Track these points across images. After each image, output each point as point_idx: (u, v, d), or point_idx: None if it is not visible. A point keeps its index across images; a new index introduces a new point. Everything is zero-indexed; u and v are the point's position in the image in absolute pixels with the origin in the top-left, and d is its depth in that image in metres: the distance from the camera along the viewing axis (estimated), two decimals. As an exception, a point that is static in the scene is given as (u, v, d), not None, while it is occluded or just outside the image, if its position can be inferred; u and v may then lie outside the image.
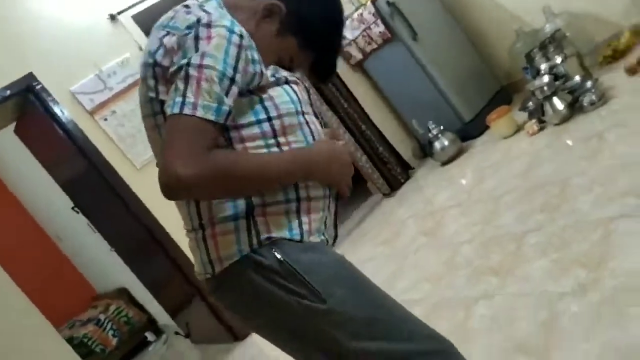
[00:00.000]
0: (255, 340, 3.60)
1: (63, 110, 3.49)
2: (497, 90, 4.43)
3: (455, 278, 2.59)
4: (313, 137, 1.16)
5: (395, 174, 4.46)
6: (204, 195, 1.07)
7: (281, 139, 1.10)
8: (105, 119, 3.60)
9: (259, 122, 1.09)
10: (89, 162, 3.58)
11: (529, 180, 2.97)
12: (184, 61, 1.00)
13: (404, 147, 4.68)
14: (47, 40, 3.53)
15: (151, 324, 5.57)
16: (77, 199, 4.28)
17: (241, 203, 1.08)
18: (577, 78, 3.40)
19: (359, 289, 1.12)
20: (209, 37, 1.01)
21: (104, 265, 5.61)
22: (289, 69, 1.22)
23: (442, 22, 4.36)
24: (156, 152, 1.16)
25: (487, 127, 4.07)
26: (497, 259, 2.48)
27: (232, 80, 1.01)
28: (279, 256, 1.07)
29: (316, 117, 1.22)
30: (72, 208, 4.31)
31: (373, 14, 4.16)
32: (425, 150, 4.58)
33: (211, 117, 0.99)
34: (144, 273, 4.48)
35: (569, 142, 3.12)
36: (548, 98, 3.34)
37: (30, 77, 3.43)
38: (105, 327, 5.30)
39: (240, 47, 1.03)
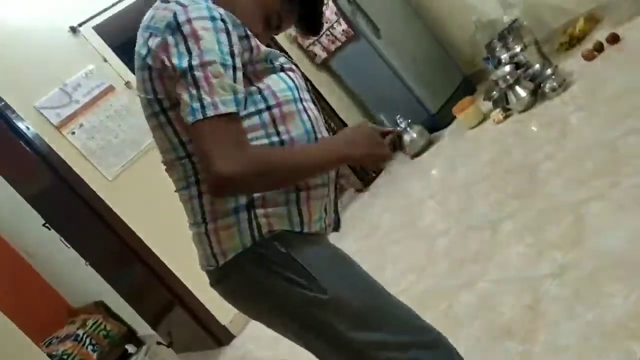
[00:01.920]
0: (243, 343, 3.61)
1: (28, 127, 3.42)
2: (460, 80, 4.53)
3: (436, 268, 2.66)
4: (312, 123, 1.17)
5: (366, 169, 4.52)
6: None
7: (280, 128, 1.12)
8: (73, 133, 3.54)
9: (259, 112, 1.10)
10: (59, 177, 3.52)
11: (499, 167, 3.07)
12: (185, 66, 1.00)
13: (374, 142, 4.73)
14: (8, 56, 3.45)
15: (131, 335, 5.50)
16: (47, 215, 4.20)
17: (242, 196, 1.10)
18: (537, 66, 3.51)
19: (358, 281, 1.18)
20: (195, 33, 1.00)
21: (78, 279, 5.51)
22: (278, 27, 1.24)
23: (402, 16, 4.42)
24: (163, 149, 1.17)
25: (453, 118, 4.17)
26: (475, 247, 2.56)
27: (235, 67, 1.03)
28: (280, 248, 1.11)
29: (314, 103, 1.24)
30: (44, 225, 4.22)
31: (335, 13, 4.20)
32: (394, 144, 4.63)
33: (233, 109, 1.00)
34: (121, 284, 4.43)
35: (534, 129, 3.23)
36: (511, 87, 3.44)
37: (-7, 95, 3.35)
38: (85, 342, 5.21)
39: (227, 31, 1.04)
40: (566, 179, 2.50)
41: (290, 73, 1.18)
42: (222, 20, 1.04)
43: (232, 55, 1.03)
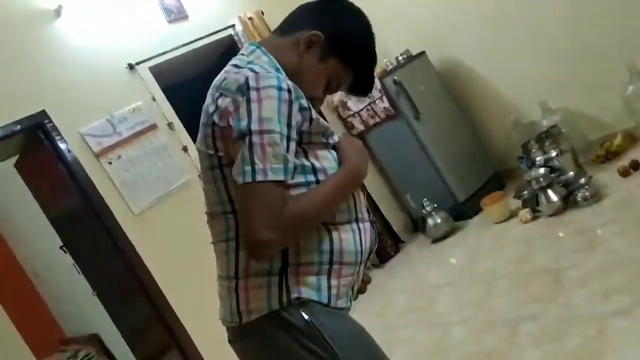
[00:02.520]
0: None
1: (70, 149, 3.51)
2: (491, 174, 4.57)
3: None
4: (355, 202, 1.22)
5: (385, 245, 4.51)
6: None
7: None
8: (110, 163, 3.62)
9: (308, 184, 1.14)
10: (87, 203, 3.56)
11: (523, 266, 3.05)
12: (244, 128, 1.06)
13: (396, 220, 4.75)
14: (65, 80, 3.59)
15: (119, 375, 5.37)
16: (66, 238, 4.23)
17: (277, 260, 1.13)
18: (572, 173, 3.54)
19: (372, 356, 1.19)
20: (260, 100, 1.07)
21: (79, 308, 5.47)
22: (336, 89, 1.31)
23: (444, 104, 4.54)
24: (211, 201, 1.21)
25: (480, 210, 4.18)
26: (490, 345, 2.51)
27: (289, 138, 1.08)
28: (306, 317, 1.12)
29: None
30: (61, 247, 4.25)
31: (379, 90, 4.33)
32: (416, 225, 4.65)
33: (282, 178, 1.06)
34: (123, 320, 4.38)
35: (562, 235, 3.22)
36: (543, 189, 3.47)
37: (43, 114, 3.46)
38: (72, 373, 5.11)
39: (290, 102, 1.09)
40: (591, 290, 2.48)
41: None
42: (289, 91, 1.10)
43: (289, 126, 1.09)
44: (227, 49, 4.82)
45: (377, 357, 1.20)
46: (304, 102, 1.14)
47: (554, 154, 3.67)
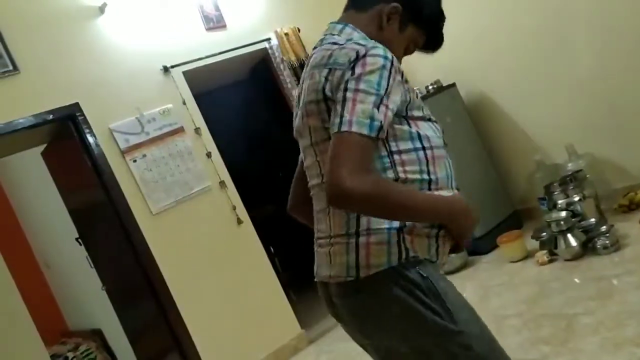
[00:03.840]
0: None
1: (97, 143, 3.57)
2: (510, 212, 4.54)
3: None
4: (451, 169, 1.30)
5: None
6: (360, 210, 1.17)
7: (431, 167, 1.24)
8: (135, 161, 3.67)
9: (416, 149, 1.23)
10: (108, 197, 3.62)
11: (535, 308, 3.01)
12: (343, 85, 1.15)
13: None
14: (101, 76, 3.68)
15: (117, 373, 5.37)
16: (83, 230, 4.28)
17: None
18: (593, 220, 3.51)
19: (479, 321, 1.24)
20: (365, 64, 1.15)
21: (85, 302, 5.50)
22: (412, 52, 1.41)
23: (469, 137, 4.54)
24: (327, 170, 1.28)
25: (495, 247, 4.15)
26: (496, 382, 2.47)
27: (383, 101, 1.14)
28: (423, 273, 1.18)
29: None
30: (76, 239, 4.29)
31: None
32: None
33: (365, 132, 1.10)
34: (128, 318, 4.39)
35: (578, 280, 3.18)
36: (563, 233, 3.44)
37: (76, 107, 3.54)
38: (71, 366, 5.12)
39: (391, 71, 1.16)
40: (604, 339, 2.44)
41: (436, 124, 1.32)
42: (392, 61, 1.18)
43: (387, 93, 1.15)
44: (260, 61, 4.89)
45: (479, 317, 1.24)
46: (401, 76, 1.22)
47: (576, 198, 3.65)
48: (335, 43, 1.26)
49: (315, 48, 1.33)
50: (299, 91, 1.37)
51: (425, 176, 1.23)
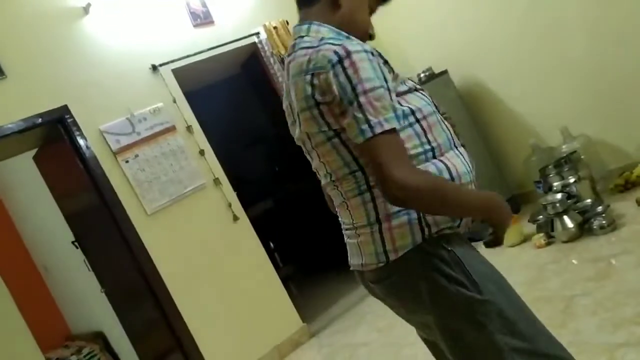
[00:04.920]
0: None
1: (88, 146, 3.55)
2: (507, 198, 4.53)
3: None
4: (449, 131, 1.33)
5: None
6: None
7: (429, 137, 1.27)
8: (127, 161, 3.66)
9: (410, 124, 1.25)
10: (102, 200, 3.60)
11: (533, 291, 3.00)
12: (350, 94, 1.16)
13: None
14: (88, 77, 3.65)
15: (121, 374, 5.37)
16: (79, 233, 4.27)
17: None
18: (589, 200, 3.50)
19: (506, 289, 1.25)
20: (354, 64, 1.17)
21: (86, 305, 5.50)
22: (376, 9, 1.42)
23: (463, 124, 4.51)
24: (335, 168, 1.31)
25: (493, 232, 4.13)
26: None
27: (389, 89, 1.20)
28: (447, 246, 1.22)
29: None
30: (73, 242, 4.28)
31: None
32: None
33: (396, 125, 1.17)
34: (129, 319, 4.39)
35: (575, 262, 3.18)
36: (559, 215, 3.43)
37: (64, 109, 3.52)
38: (75, 369, 5.12)
39: (375, 61, 1.20)
40: (602, 319, 2.43)
41: (423, 92, 1.34)
42: (371, 52, 1.21)
43: (386, 80, 1.20)
44: (250, 56, 4.87)
45: (507, 285, 1.26)
46: (381, 59, 1.25)
47: (572, 180, 3.63)
48: (309, 47, 1.26)
49: (289, 55, 1.33)
50: (287, 101, 1.37)
51: (427, 146, 1.26)
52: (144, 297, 3.75)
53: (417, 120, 1.26)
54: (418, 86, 1.34)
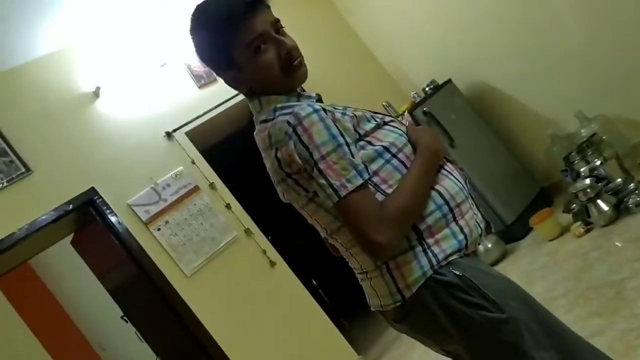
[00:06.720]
0: None
1: (120, 221, 3.66)
2: (537, 192, 4.48)
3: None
4: None
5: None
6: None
7: (409, 166, 1.27)
8: (159, 229, 3.75)
9: (387, 161, 1.26)
10: (141, 271, 3.69)
11: (581, 282, 2.95)
12: (310, 162, 1.18)
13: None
14: (109, 157, 3.79)
15: None
16: (126, 308, 4.36)
17: (411, 233, 1.23)
18: (619, 180, 3.45)
19: (527, 301, 1.24)
20: (307, 130, 1.18)
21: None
22: (286, 52, 1.27)
23: (477, 129, 4.52)
24: (326, 223, 1.31)
25: (530, 229, 4.09)
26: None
27: (347, 144, 1.19)
28: (457, 272, 1.21)
29: None
30: (122, 317, 4.37)
31: (409, 122, 4.35)
32: (468, 253, 4.56)
33: (360, 181, 1.17)
34: (188, 383, 4.42)
35: (619, 244, 3.11)
36: (592, 200, 3.38)
37: (92, 191, 3.64)
38: None
39: (326, 115, 1.20)
40: (656, 298, 2.37)
41: (393, 124, 1.33)
42: (322, 110, 1.20)
43: (341, 134, 1.19)
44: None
45: (526, 296, 1.25)
46: (338, 109, 1.27)
47: (598, 162, 3.59)
48: (265, 120, 1.28)
49: (254, 130, 1.34)
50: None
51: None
52: (198, 358, 3.78)
53: (394, 155, 1.26)
54: (387, 118, 1.34)
